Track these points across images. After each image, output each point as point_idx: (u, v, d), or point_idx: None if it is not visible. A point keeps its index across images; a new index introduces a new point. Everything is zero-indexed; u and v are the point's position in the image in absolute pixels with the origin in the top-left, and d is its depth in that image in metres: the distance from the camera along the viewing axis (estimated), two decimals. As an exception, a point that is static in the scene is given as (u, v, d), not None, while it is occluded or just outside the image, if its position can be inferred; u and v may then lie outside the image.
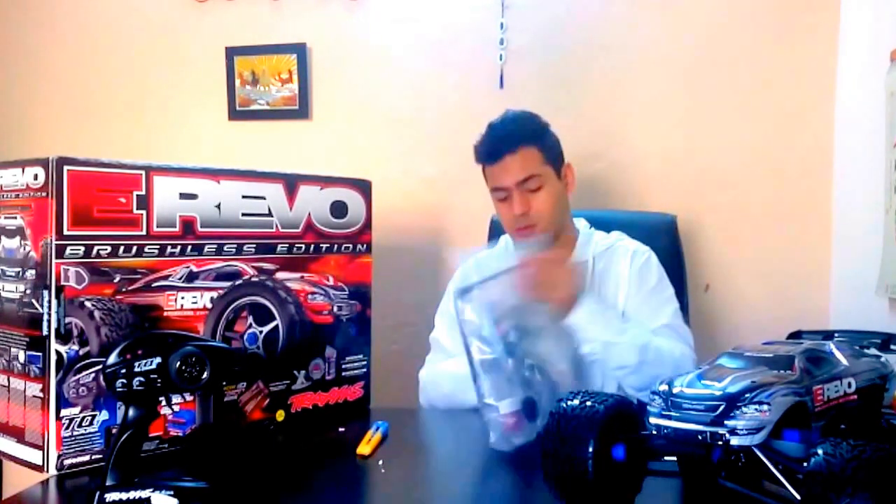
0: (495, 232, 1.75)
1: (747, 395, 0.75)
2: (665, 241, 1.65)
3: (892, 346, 0.96)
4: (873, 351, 0.95)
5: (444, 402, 1.39)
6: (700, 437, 0.76)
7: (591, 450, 0.79)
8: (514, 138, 1.42)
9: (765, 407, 0.75)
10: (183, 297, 1.11)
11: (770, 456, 0.76)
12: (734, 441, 0.75)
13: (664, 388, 0.80)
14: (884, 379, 0.90)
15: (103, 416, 1.02)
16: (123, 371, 0.90)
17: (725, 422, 0.75)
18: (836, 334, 0.99)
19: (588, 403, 0.82)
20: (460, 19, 2.00)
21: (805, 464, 0.71)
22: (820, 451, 0.68)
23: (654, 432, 0.80)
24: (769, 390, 0.76)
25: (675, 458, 0.85)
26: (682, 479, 0.89)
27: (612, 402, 0.83)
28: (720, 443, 0.75)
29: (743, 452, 0.78)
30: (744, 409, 0.75)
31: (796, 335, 1.03)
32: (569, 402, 0.83)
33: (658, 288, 1.43)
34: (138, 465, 0.90)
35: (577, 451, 0.79)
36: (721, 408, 0.76)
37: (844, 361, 0.86)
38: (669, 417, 0.78)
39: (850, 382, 0.84)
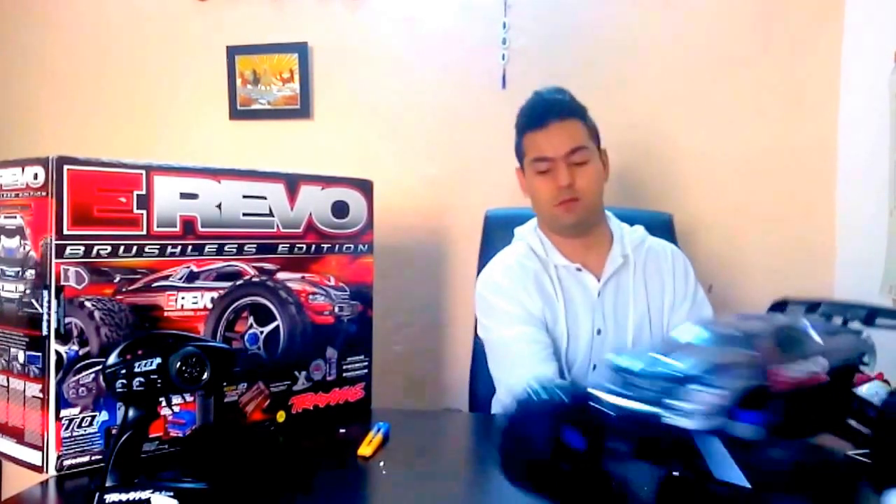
0: (490, 228, 1.72)
1: (704, 377, 0.72)
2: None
3: (878, 321, 0.91)
4: (857, 325, 0.90)
5: None
6: (650, 419, 0.73)
7: (546, 433, 0.77)
8: (564, 107, 1.37)
9: (720, 389, 0.72)
10: (183, 298, 1.10)
11: (724, 438, 0.73)
12: (685, 423, 0.71)
13: (624, 362, 0.77)
14: (863, 355, 0.87)
15: (103, 416, 1.02)
16: (123, 371, 0.89)
17: (677, 403, 0.72)
18: (822, 304, 0.96)
19: (550, 391, 0.80)
20: (462, 19, 2.00)
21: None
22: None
23: (610, 412, 0.76)
24: (726, 372, 0.73)
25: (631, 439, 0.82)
26: (636, 460, 0.85)
27: (575, 391, 0.80)
28: (670, 424, 0.72)
29: (695, 435, 0.74)
30: (699, 390, 0.72)
31: (782, 304, 1.01)
32: (533, 389, 0.81)
33: (697, 289, 1.45)
34: (138, 466, 0.89)
35: (535, 433, 0.77)
36: (675, 388, 0.73)
37: (819, 340, 0.82)
38: (623, 395, 0.74)
39: (822, 363, 0.80)
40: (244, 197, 1.18)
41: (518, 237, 1.49)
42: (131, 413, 0.90)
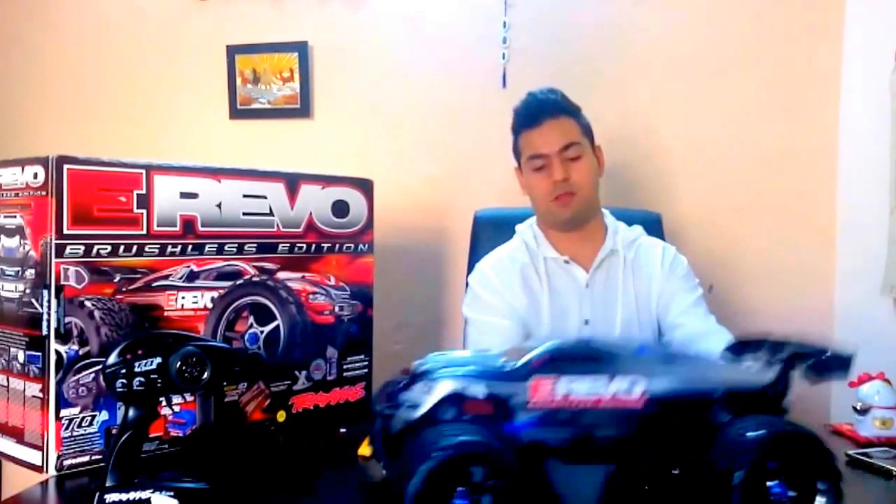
0: (479, 229, 1.74)
1: (424, 374, 0.80)
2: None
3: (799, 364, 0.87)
4: (758, 364, 0.88)
5: None
6: (378, 409, 0.83)
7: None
8: (556, 105, 1.42)
9: (429, 386, 0.79)
10: (183, 297, 1.10)
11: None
12: (398, 413, 0.79)
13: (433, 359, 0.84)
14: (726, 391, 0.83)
15: (103, 416, 1.02)
16: (123, 371, 0.89)
17: (400, 395, 0.79)
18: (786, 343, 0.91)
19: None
20: (463, 18, 2.00)
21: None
22: None
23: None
24: (437, 373, 0.79)
25: None
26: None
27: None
28: (388, 417, 0.80)
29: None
30: (416, 385, 0.79)
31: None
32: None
33: (689, 275, 1.47)
34: (138, 466, 0.89)
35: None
36: (403, 383, 0.81)
37: (635, 364, 0.82)
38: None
39: (634, 387, 0.80)
40: (244, 196, 1.17)
41: (517, 233, 1.52)
42: (131, 413, 0.90)
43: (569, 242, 1.46)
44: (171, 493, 0.85)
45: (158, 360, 0.90)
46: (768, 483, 0.76)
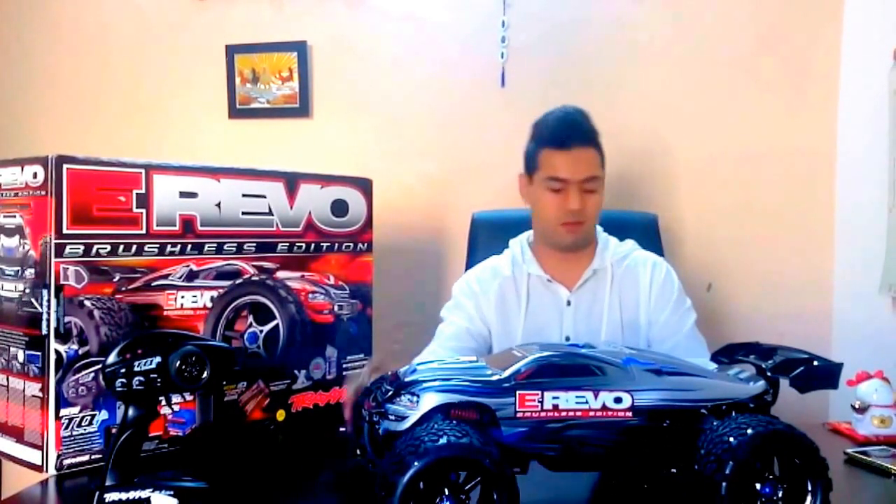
0: (476, 230, 1.75)
1: (410, 385, 0.80)
2: (645, 239, 1.61)
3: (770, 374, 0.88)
4: (746, 374, 0.89)
5: None
6: (365, 414, 0.83)
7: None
8: (586, 134, 1.40)
9: (414, 399, 0.79)
10: (183, 297, 1.10)
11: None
12: (383, 424, 0.80)
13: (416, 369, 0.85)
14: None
15: (103, 415, 1.02)
16: (123, 371, 0.89)
17: (387, 405, 0.80)
18: (777, 351, 0.92)
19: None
20: (462, 17, 2.00)
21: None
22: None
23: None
24: (423, 385, 0.80)
25: None
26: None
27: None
28: (374, 423, 0.81)
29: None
30: (402, 397, 0.80)
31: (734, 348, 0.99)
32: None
33: (680, 299, 1.44)
34: (138, 465, 0.89)
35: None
36: (390, 392, 0.81)
37: (622, 376, 0.82)
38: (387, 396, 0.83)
39: (620, 398, 0.81)
40: (243, 196, 1.17)
41: (509, 246, 1.53)
42: (131, 412, 0.90)
43: (556, 261, 1.45)
44: (171, 493, 0.85)
45: (158, 359, 0.90)
46: (757, 484, 0.76)
